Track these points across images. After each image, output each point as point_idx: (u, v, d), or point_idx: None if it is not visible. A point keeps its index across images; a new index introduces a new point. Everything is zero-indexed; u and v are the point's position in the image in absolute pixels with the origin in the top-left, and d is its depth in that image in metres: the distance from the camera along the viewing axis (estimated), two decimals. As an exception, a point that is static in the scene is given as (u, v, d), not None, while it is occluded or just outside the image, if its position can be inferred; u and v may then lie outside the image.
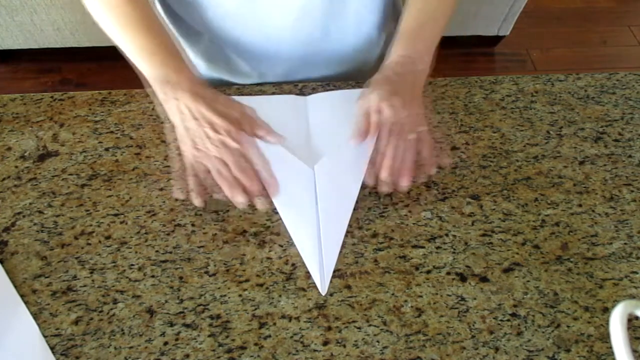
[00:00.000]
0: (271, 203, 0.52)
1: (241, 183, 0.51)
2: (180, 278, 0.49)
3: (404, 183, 0.52)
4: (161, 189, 0.55)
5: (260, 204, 0.52)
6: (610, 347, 0.44)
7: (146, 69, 0.53)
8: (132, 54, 0.54)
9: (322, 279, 0.49)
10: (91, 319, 0.46)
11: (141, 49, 0.53)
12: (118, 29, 0.53)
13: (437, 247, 0.51)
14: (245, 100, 0.55)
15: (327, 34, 0.64)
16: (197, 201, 0.52)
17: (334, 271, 0.49)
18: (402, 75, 0.54)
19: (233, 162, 0.51)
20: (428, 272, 0.49)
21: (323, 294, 0.48)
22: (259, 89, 0.64)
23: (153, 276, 0.49)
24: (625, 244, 0.52)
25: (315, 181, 0.55)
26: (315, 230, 0.52)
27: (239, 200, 0.51)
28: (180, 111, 0.52)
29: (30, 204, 0.53)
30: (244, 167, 0.51)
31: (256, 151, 0.53)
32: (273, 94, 0.63)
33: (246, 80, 0.72)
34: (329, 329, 0.46)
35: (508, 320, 0.47)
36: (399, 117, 0.52)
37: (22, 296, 0.47)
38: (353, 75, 0.73)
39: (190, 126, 0.52)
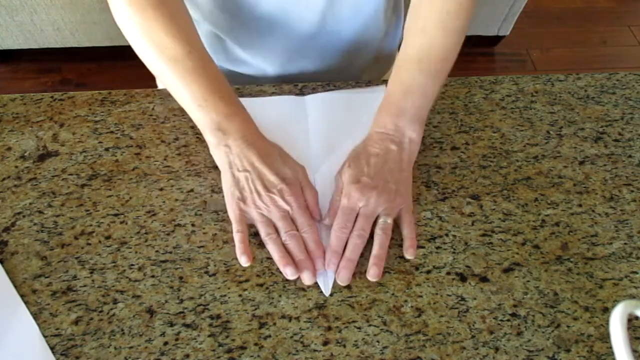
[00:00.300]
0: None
1: (290, 252, 0.48)
2: (180, 278, 0.49)
3: (370, 277, 0.48)
4: (161, 189, 0.55)
5: (307, 279, 0.48)
6: (610, 347, 0.44)
7: (197, 115, 0.51)
8: (183, 101, 0.51)
9: (324, 280, 0.48)
10: (91, 319, 0.46)
11: (194, 97, 0.50)
12: (173, 80, 0.50)
13: (437, 247, 0.51)
14: (245, 101, 0.55)
15: (323, 25, 0.64)
16: (243, 259, 0.48)
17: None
18: (376, 156, 0.52)
19: (283, 227, 0.49)
20: (428, 272, 0.49)
21: (327, 295, 0.48)
22: (259, 89, 0.64)
23: (153, 276, 0.49)
24: (625, 244, 0.52)
25: (314, 181, 0.55)
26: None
27: (289, 272, 0.47)
28: (230, 160, 0.50)
29: (30, 204, 0.53)
30: (295, 235, 0.49)
31: (306, 216, 0.50)
32: (273, 94, 0.63)
33: (245, 69, 0.72)
34: (329, 329, 0.46)
35: (508, 320, 0.47)
36: (367, 203, 0.49)
37: (22, 296, 0.47)
38: (351, 68, 0.73)
39: (239, 177, 0.49)
